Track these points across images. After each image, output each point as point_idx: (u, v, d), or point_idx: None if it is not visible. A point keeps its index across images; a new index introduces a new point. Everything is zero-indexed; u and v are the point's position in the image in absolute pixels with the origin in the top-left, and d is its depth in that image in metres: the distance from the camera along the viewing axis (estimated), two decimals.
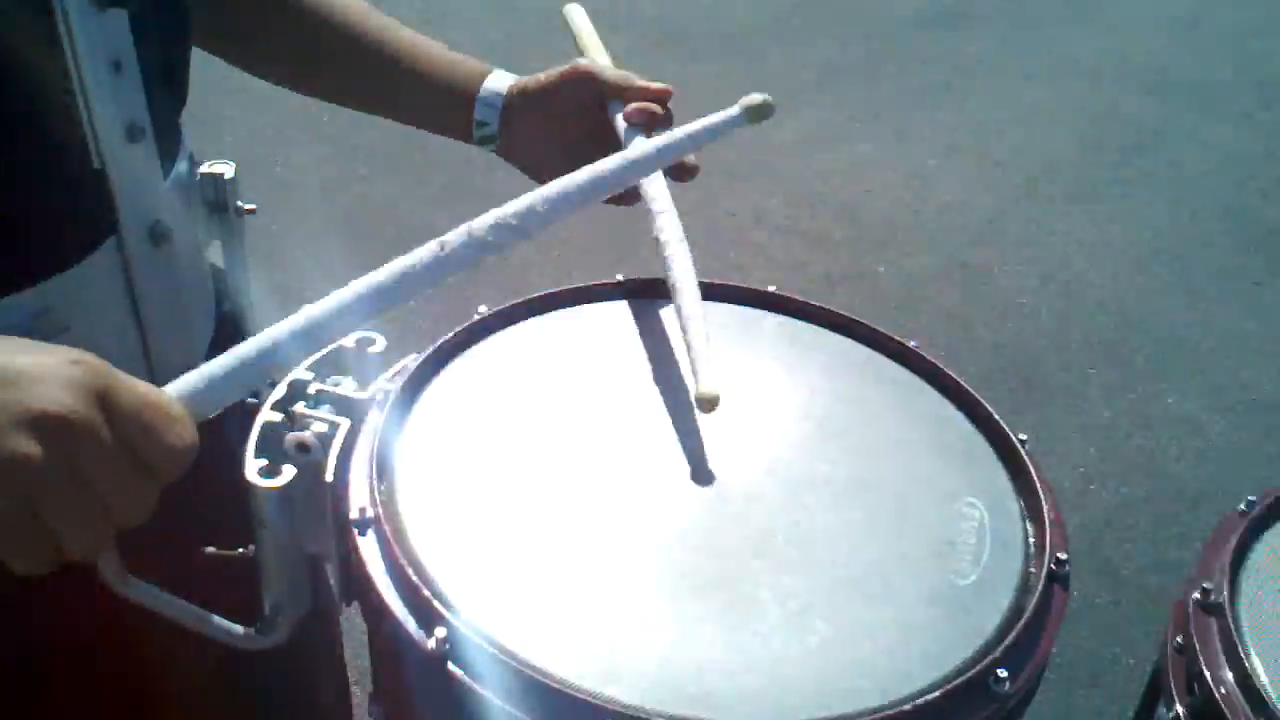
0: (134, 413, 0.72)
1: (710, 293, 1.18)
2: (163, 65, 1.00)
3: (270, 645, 1.06)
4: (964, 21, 5.73)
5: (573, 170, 1.01)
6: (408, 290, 0.89)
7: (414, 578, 0.86)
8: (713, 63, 5.08)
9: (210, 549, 1.04)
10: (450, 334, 1.09)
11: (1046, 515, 0.95)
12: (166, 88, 1.03)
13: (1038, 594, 0.88)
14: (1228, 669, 1.01)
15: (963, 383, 1.08)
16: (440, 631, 0.83)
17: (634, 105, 1.15)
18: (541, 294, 1.16)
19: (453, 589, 0.86)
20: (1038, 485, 0.97)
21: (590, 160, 0.98)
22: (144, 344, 1.04)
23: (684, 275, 1.07)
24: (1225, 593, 1.06)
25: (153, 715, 1.17)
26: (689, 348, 1.01)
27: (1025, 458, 1.00)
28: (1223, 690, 1.01)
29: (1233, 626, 1.04)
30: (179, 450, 0.75)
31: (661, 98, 1.17)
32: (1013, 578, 0.91)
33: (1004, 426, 1.03)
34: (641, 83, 1.19)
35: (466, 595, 0.86)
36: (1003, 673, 0.83)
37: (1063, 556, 0.92)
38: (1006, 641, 0.84)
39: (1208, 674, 1.02)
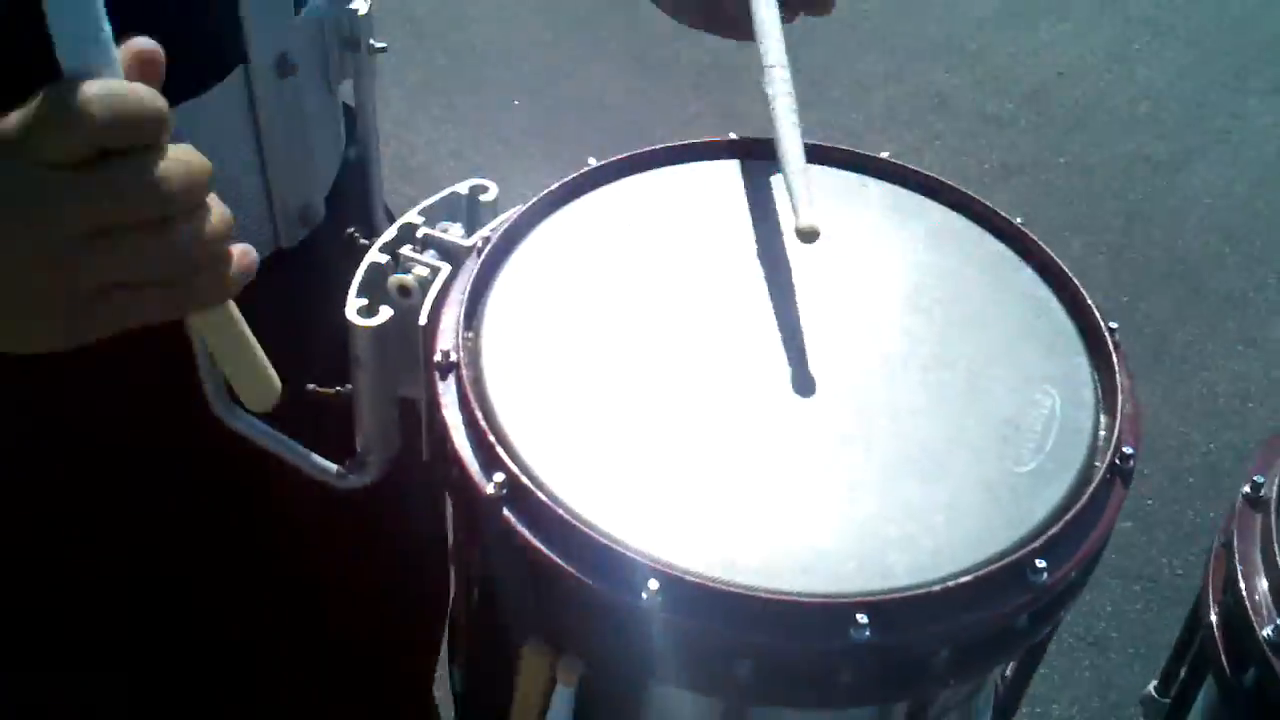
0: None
1: (814, 155, 1.17)
2: None
3: (360, 485, 1.12)
4: None
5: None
6: None
7: (482, 422, 0.89)
8: None
9: (312, 386, 1.10)
10: (554, 185, 1.12)
11: (1120, 407, 0.94)
12: None
13: (1094, 485, 0.87)
14: (1263, 573, 0.96)
15: (1061, 264, 1.06)
16: (499, 477, 0.87)
17: None
18: (649, 149, 1.17)
19: (519, 438, 0.89)
20: (1118, 375, 0.96)
21: None
22: (265, 178, 1.08)
23: (785, 115, 1.06)
24: (1276, 488, 1.00)
25: (251, 548, 1.24)
26: (786, 182, 1.01)
27: (1111, 346, 0.98)
28: (1255, 597, 0.97)
29: (1275, 525, 0.98)
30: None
31: None
32: (1073, 468, 0.90)
33: (1095, 311, 1.01)
34: None
35: (532, 445, 0.89)
36: (1041, 563, 0.83)
37: (1128, 451, 0.91)
38: (1051, 531, 0.84)
39: (1241, 573, 0.97)
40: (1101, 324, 1.00)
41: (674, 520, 0.85)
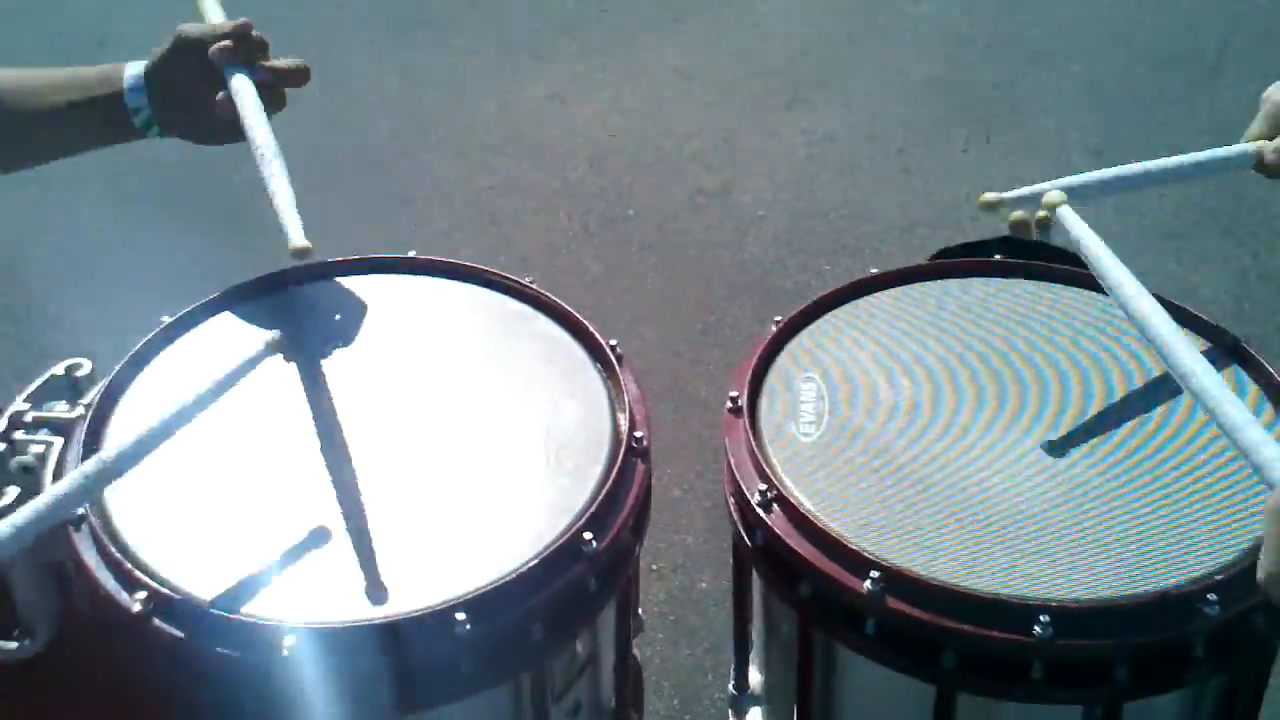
0: None
1: (362, 266, 1.40)
2: None
3: (33, 653, 1.24)
4: None
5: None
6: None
7: (117, 554, 1.06)
8: (454, 32, 5.24)
9: None
10: (139, 344, 1.29)
11: (626, 393, 1.20)
12: None
13: (616, 468, 1.12)
14: (749, 461, 1.18)
15: (568, 307, 1.32)
16: (141, 594, 1.03)
17: (216, 47, 1.32)
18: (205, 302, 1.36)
19: (152, 560, 1.06)
20: (621, 379, 1.22)
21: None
22: None
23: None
24: (746, 396, 1.24)
25: None
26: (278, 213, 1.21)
27: (614, 360, 1.25)
28: (748, 481, 1.17)
29: (748, 423, 1.21)
30: None
31: (237, 32, 1.34)
32: (601, 458, 1.15)
33: (599, 338, 1.27)
34: (219, 24, 1.36)
35: (164, 564, 1.06)
36: (588, 535, 1.06)
37: (639, 435, 1.16)
38: (590, 511, 1.08)
39: (736, 469, 1.19)
40: (604, 344, 1.25)
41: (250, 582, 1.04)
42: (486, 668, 1.05)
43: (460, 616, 1.00)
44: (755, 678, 1.40)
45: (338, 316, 1.34)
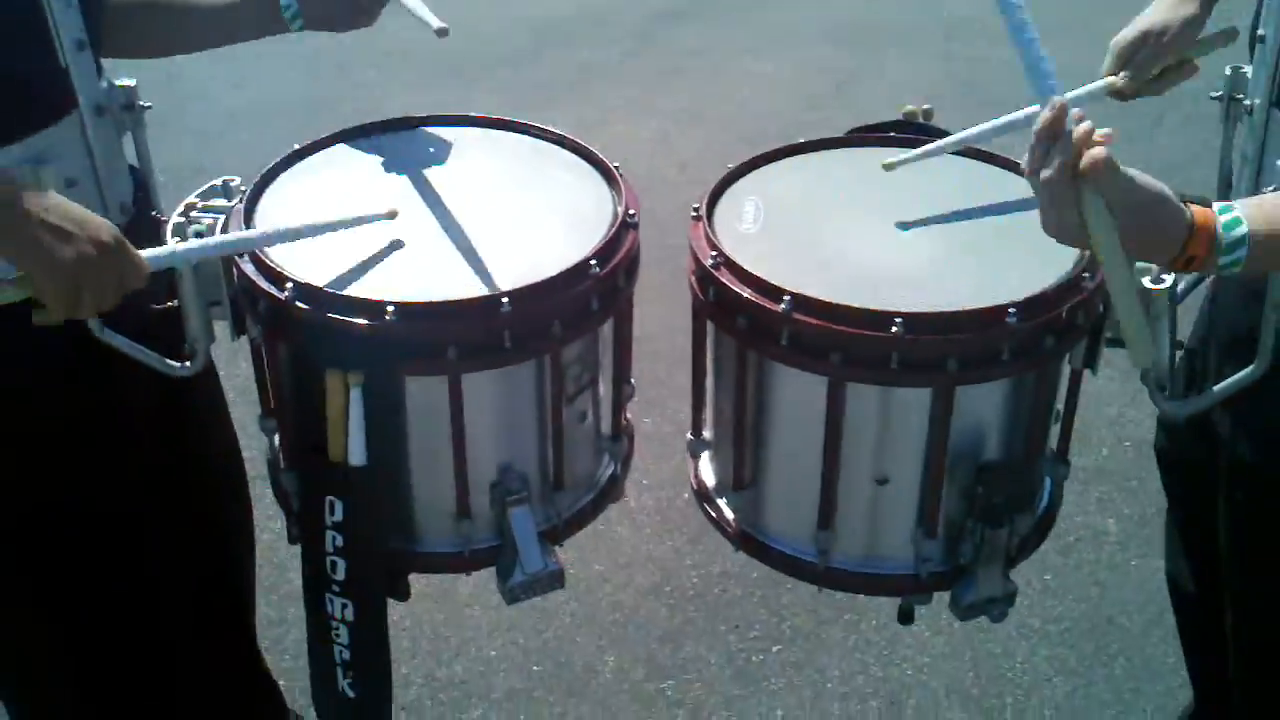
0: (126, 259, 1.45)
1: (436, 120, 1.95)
2: (86, 7, 1.68)
3: (195, 372, 1.74)
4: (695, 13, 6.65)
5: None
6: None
7: (269, 261, 1.57)
8: (487, 79, 5.89)
9: (154, 306, 1.72)
10: (277, 159, 1.82)
11: (624, 193, 1.73)
12: (92, 21, 1.70)
13: (615, 228, 1.64)
14: (715, 237, 1.67)
15: (581, 141, 1.87)
16: (288, 285, 1.54)
17: None
18: (329, 134, 1.90)
19: (294, 269, 1.57)
20: (620, 181, 1.75)
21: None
22: (98, 185, 1.70)
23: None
24: (705, 203, 1.75)
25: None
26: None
27: (613, 170, 1.78)
28: (706, 260, 1.65)
29: (706, 227, 1.70)
30: (140, 276, 1.48)
31: None
32: (605, 223, 1.67)
33: (604, 159, 1.82)
34: None
35: (299, 269, 1.57)
36: (594, 263, 1.57)
37: (631, 211, 1.68)
38: (599, 245, 1.60)
39: (707, 240, 1.67)
40: (607, 162, 1.79)
41: (391, 283, 1.54)
42: (521, 345, 1.55)
43: (504, 301, 1.50)
44: (707, 434, 1.90)
45: (429, 147, 1.89)
